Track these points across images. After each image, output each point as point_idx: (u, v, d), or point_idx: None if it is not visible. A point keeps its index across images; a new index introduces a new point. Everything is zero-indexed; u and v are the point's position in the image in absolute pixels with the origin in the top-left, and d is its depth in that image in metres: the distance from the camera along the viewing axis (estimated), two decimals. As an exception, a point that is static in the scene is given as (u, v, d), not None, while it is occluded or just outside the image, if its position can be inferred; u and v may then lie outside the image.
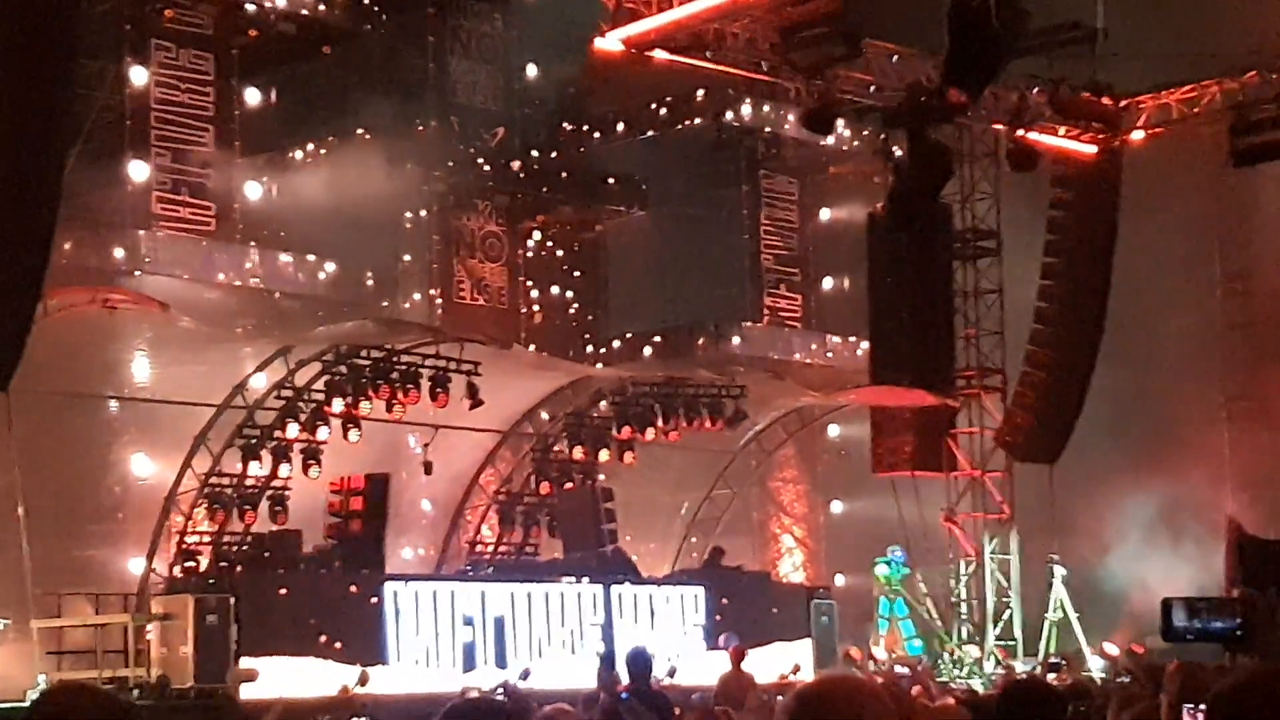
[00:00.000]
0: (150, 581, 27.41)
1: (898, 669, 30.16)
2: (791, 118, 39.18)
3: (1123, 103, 31.36)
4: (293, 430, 28.39)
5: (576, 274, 44.42)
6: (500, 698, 19.18)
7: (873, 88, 28.86)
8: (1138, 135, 31.70)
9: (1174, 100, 31.25)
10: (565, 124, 43.59)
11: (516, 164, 41.41)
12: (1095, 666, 30.19)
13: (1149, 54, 30.64)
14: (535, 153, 42.19)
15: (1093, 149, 31.80)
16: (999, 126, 30.45)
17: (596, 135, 43.82)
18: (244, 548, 28.17)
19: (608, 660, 21.80)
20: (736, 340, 42.86)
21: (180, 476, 28.66)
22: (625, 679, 15.68)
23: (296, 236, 38.91)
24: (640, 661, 15.59)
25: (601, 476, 33.22)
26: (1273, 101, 29.24)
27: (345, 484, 28.53)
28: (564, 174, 42.55)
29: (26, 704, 22.73)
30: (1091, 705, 9.41)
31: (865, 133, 35.20)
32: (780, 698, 15.74)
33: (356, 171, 39.99)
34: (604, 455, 33.31)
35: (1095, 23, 30.02)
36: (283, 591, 26.16)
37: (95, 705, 3.31)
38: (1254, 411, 34.43)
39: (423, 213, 40.42)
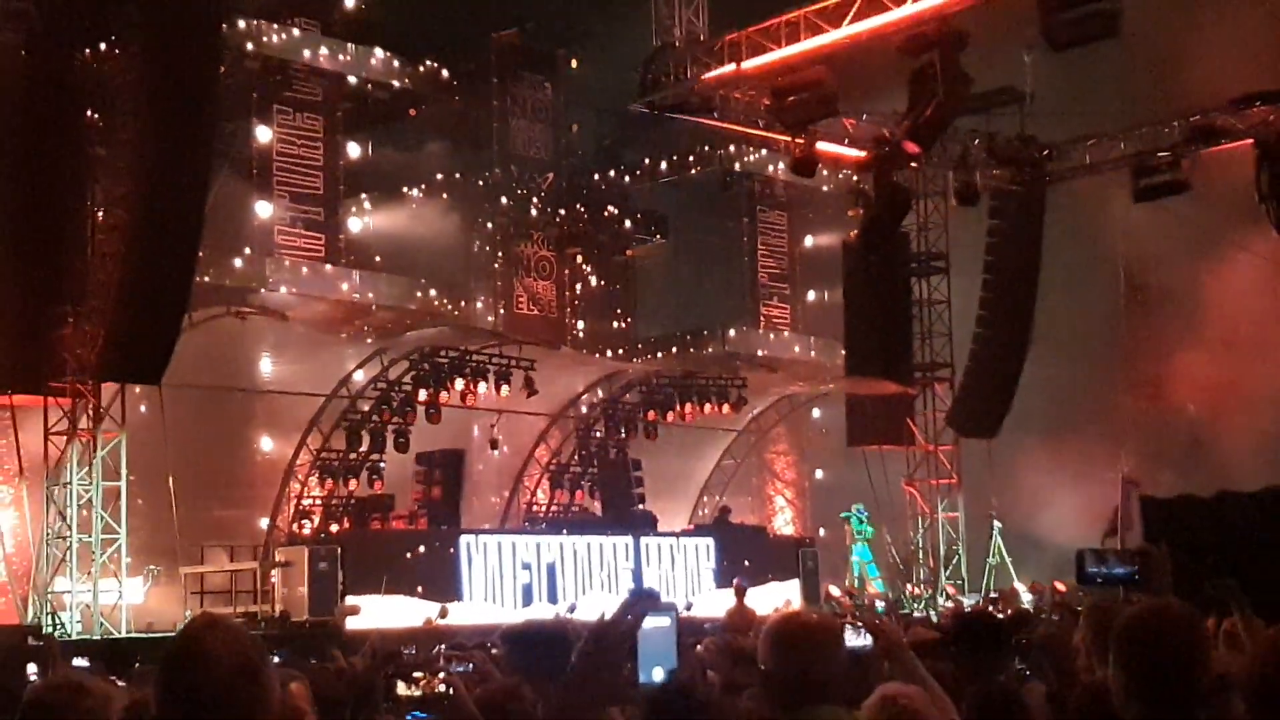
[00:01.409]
0: (274, 535, 27.44)
1: (878, 604, 30.09)
2: (782, 164, 39.06)
3: (1045, 151, 31.17)
4: (386, 415, 28.39)
5: (611, 289, 44.35)
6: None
7: (847, 140, 28.72)
8: (1058, 177, 31.53)
9: (1086, 149, 31.08)
10: (602, 170, 43.56)
11: (563, 202, 41.35)
12: (1025, 600, 29.99)
13: (1067, 111, 30.48)
14: (578, 193, 42.12)
15: (1021, 188, 31.62)
16: (948, 170, 30.27)
17: (628, 179, 43.77)
18: (348, 509, 28.18)
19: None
20: (739, 342, 42.74)
21: (297, 452, 28.67)
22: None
23: (389, 260, 38.95)
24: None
25: (631, 450, 33.15)
26: (1166, 150, 29.06)
27: (429, 458, 28.53)
28: (601, 210, 42.49)
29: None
30: (1032, 631, 9.28)
31: (841, 176, 34.98)
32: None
33: (436, 208, 40.07)
34: (633, 434, 33.26)
35: (1024, 87, 29.91)
36: (379, 543, 26.18)
37: (229, 637, 3.25)
38: (1148, 393, 34.28)
39: (488, 241, 40.37)
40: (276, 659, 4.36)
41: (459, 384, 28.64)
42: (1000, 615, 17.26)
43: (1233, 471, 26.69)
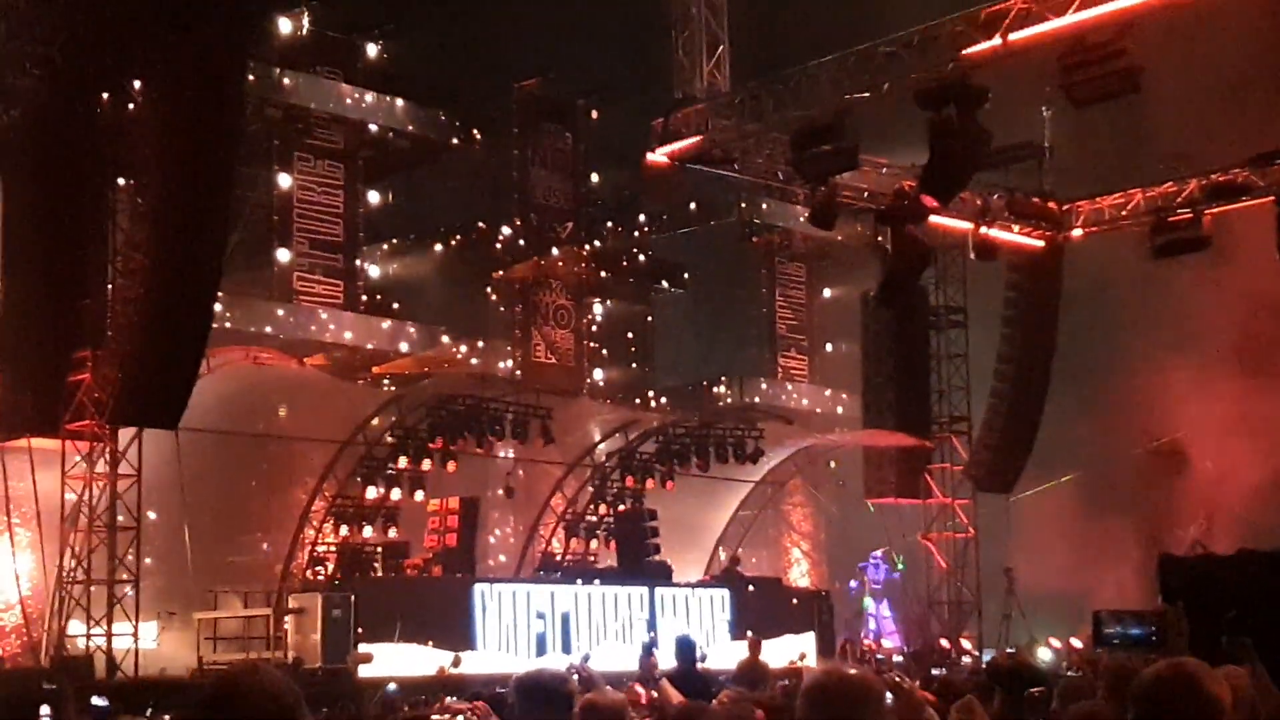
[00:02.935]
0: (288, 581, 27.39)
1: (895, 658, 29.92)
2: (801, 216, 39.12)
3: (1065, 206, 31.19)
4: (403, 462, 28.37)
5: (629, 339, 44.37)
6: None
7: (866, 193, 28.78)
8: (1077, 233, 31.52)
9: (1106, 205, 31.07)
10: (621, 220, 43.66)
11: (582, 252, 41.44)
12: (1043, 656, 29.79)
13: (1086, 168, 30.53)
14: (597, 243, 42.20)
15: (1041, 243, 31.62)
16: (966, 224, 30.29)
17: (647, 229, 43.86)
18: (363, 556, 28.12)
19: (647, 648, 21.60)
20: (756, 392, 42.69)
21: (313, 498, 28.65)
22: (673, 663, 15.25)
23: (407, 308, 39.04)
24: (686, 647, 15.23)
25: (647, 500, 33.06)
26: (1185, 207, 29.05)
27: (444, 505, 28.48)
28: (620, 259, 42.55)
29: (188, 678, 22.70)
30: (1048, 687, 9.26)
31: (860, 228, 35.03)
32: (784, 682, 15.50)
33: (455, 256, 40.21)
34: (650, 483, 33.18)
35: (1043, 142, 29.96)
36: (393, 591, 26.11)
37: (269, 683, 3.26)
38: (1169, 454, 34.08)
39: (506, 289, 40.43)
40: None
41: (475, 432, 28.63)
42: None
43: (1254, 529, 26.55)
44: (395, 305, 39.07)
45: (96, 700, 19.10)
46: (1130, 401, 33.70)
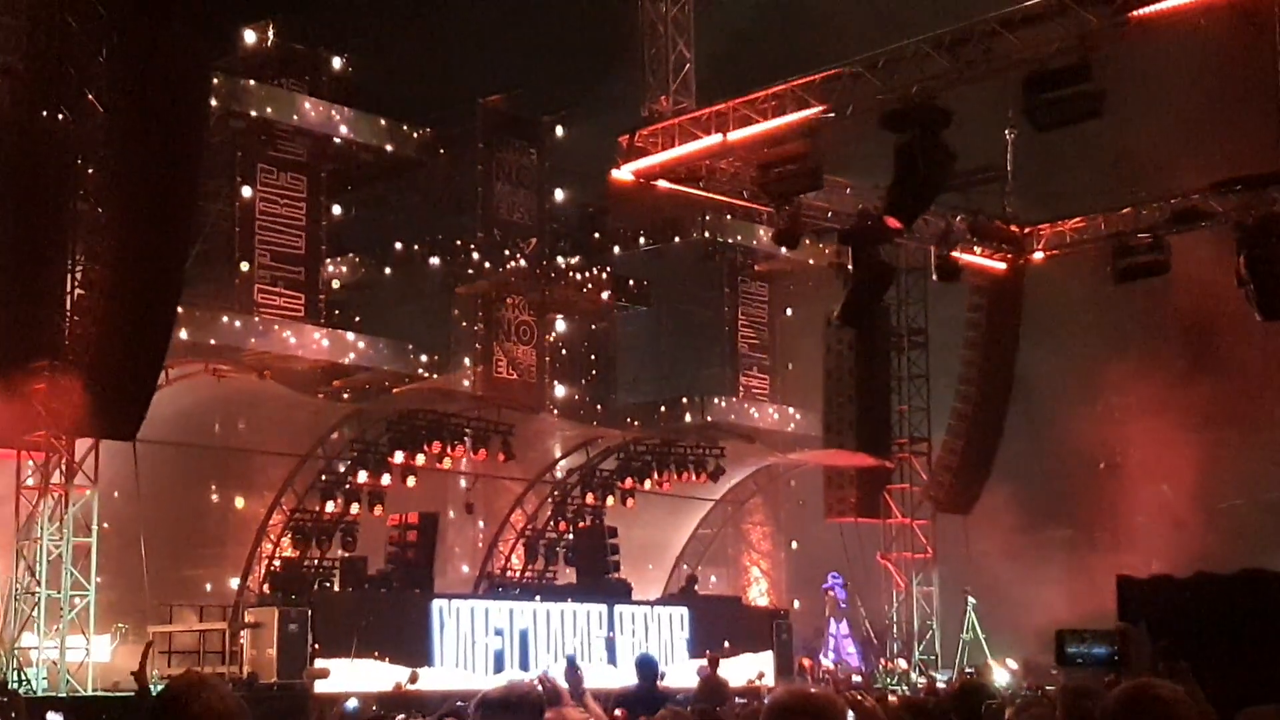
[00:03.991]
0: (244, 596, 27.21)
1: (854, 678, 29.96)
2: (765, 235, 39.23)
3: (1026, 230, 31.35)
4: (362, 476, 28.24)
5: (591, 356, 44.35)
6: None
7: (830, 213, 28.85)
8: (1038, 256, 31.68)
9: (1067, 229, 31.25)
10: (585, 237, 43.70)
11: (545, 268, 41.41)
12: (1000, 678, 29.89)
13: (1048, 191, 30.70)
14: (560, 259, 42.21)
15: (1003, 265, 31.76)
16: (929, 246, 30.42)
17: (610, 246, 43.91)
18: (320, 570, 27.97)
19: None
20: (718, 411, 42.72)
21: (270, 512, 28.47)
22: (634, 681, 15.16)
23: (369, 321, 38.93)
24: (647, 665, 15.18)
25: (607, 518, 33.02)
26: (1146, 231, 29.23)
27: (403, 520, 28.35)
28: (583, 276, 42.56)
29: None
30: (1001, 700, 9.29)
31: (824, 249, 35.12)
32: (743, 700, 15.49)
33: (417, 270, 40.11)
34: (610, 501, 33.14)
35: (1006, 166, 30.11)
36: (350, 606, 25.98)
37: (214, 697, 3.23)
38: (1126, 474, 34.27)
39: (469, 305, 40.34)
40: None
41: (436, 447, 28.53)
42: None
43: (1211, 553, 26.70)
44: (357, 319, 38.95)
45: (51, 715, 18.93)
46: (1090, 423, 33.91)
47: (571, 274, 42.22)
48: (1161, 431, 32.07)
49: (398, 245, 40.76)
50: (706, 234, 43.44)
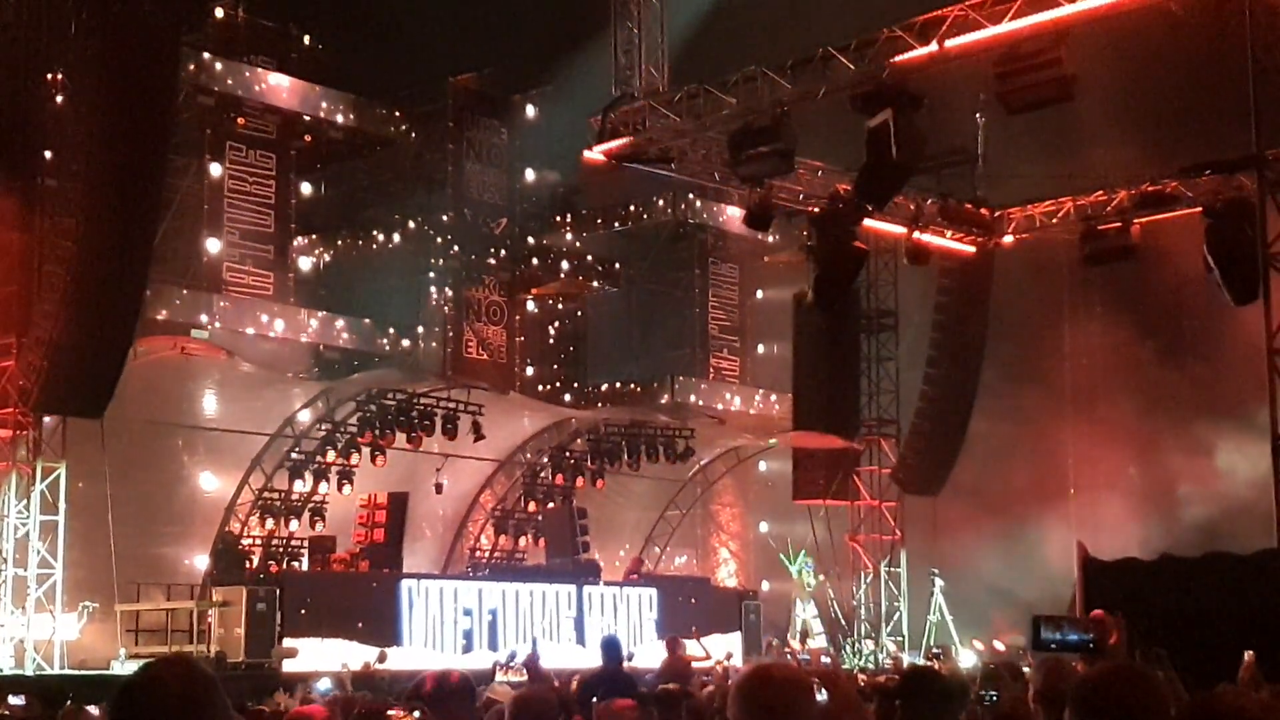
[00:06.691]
0: (212, 575, 27.18)
1: (823, 659, 30.07)
2: (736, 216, 39.25)
3: (996, 213, 31.44)
4: (331, 456, 28.24)
5: (561, 336, 44.37)
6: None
7: (802, 195, 28.88)
8: (1008, 239, 31.79)
9: (1037, 213, 31.36)
10: (556, 217, 43.65)
11: (515, 248, 41.37)
12: (965, 659, 30.07)
13: (1018, 175, 30.77)
14: (531, 239, 42.17)
15: (972, 249, 31.86)
16: (899, 228, 30.49)
17: (580, 226, 43.89)
18: (288, 549, 27.95)
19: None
20: (688, 392, 42.76)
21: (239, 491, 28.45)
22: (599, 662, 15.21)
23: (338, 300, 38.83)
24: (611, 646, 15.19)
25: (577, 499, 33.07)
26: (1115, 216, 29.34)
27: (372, 500, 28.36)
28: (553, 256, 42.53)
29: (109, 672, 22.47)
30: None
31: (794, 231, 35.15)
32: (706, 679, 15.54)
33: (387, 249, 40.02)
34: (580, 481, 33.19)
35: (976, 149, 30.19)
36: (318, 585, 25.97)
37: (184, 673, 3.23)
38: (1092, 457, 34.43)
39: (439, 284, 40.27)
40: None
41: (405, 426, 28.51)
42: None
43: (1177, 536, 26.92)
44: (326, 297, 38.85)
45: (13, 699, 18.86)
46: (1055, 407, 34.07)
47: (542, 254, 42.21)
48: (1129, 415, 32.28)
49: (367, 225, 40.67)
50: (677, 216, 43.40)
